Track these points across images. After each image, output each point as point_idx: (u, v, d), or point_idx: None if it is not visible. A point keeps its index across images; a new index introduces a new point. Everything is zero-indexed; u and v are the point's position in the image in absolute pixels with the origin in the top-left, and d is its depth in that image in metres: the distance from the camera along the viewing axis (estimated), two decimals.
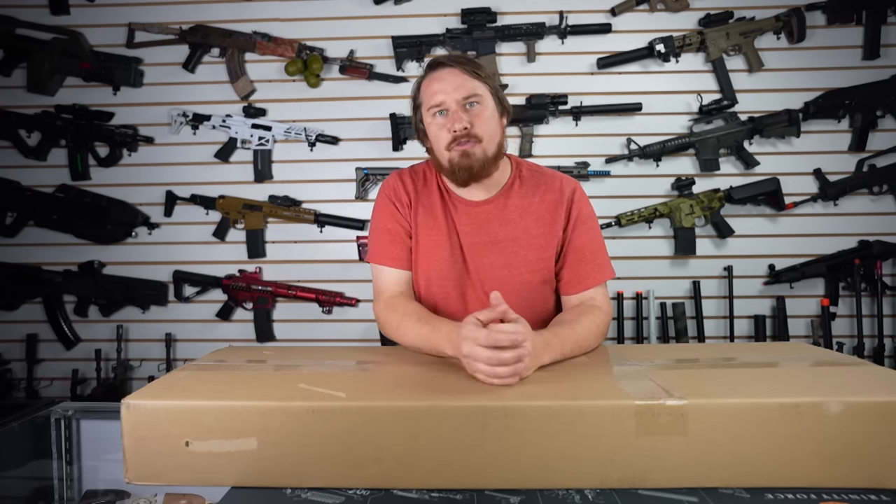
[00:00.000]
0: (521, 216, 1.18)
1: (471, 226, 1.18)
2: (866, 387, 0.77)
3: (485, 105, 1.13)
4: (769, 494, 0.71)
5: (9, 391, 2.33)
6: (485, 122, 1.12)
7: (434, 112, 1.13)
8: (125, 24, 2.33)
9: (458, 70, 1.12)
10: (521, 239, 1.17)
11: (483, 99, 1.13)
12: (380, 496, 0.72)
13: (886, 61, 2.23)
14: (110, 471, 1.18)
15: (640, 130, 2.28)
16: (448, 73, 1.12)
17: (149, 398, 0.75)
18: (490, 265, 1.17)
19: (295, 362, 0.95)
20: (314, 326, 2.35)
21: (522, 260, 1.16)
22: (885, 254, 2.21)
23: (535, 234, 1.17)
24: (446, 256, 1.18)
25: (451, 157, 1.13)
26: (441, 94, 1.11)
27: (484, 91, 1.13)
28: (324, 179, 2.34)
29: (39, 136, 2.35)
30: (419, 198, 1.22)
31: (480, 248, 1.17)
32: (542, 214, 1.18)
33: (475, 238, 1.18)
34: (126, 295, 2.35)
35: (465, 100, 1.11)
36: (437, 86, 1.12)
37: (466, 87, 1.11)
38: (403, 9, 2.31)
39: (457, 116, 1.10)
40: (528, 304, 1.16)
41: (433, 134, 1.15)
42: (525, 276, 1.17)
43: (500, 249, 1.17)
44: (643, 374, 0.84)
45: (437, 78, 1.13)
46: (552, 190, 1.19)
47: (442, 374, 0.88)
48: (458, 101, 1.11)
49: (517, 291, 1.15)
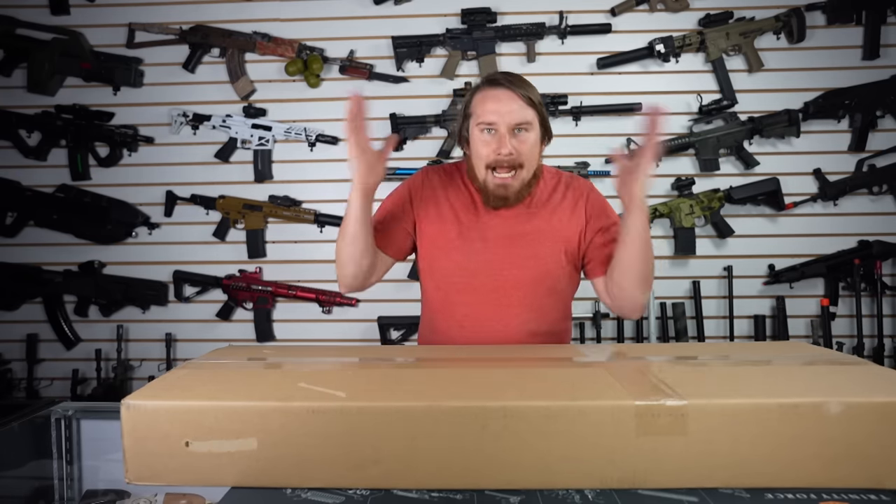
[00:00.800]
0: (547, 210, 1.23)
1: (499, 219, 1.22)
2: (867, 387, 0.77)
3: (532, 132, 1.17)
4: (769, 494, 0.71)
5: (9, 391, 2.33)
6: (529, 150, 1.17)
7: (483, 128, 1.16)
8: (125, 24, 2.33)
9: (514, 94, 1.15)
10: (546, 231, 1.22)
11: (532, 126, 1.17)
12: (380, 496, 0.72)
13: (886, 61, 2.23)
14: (110, 471, 1.18)
15: (640, 130, 2.27)
16: (505, 96, 1.15)
17: (149, 398, 0.75)
18: (517, 256, 1.20)
19: (295, 362, 0.95)
20: (314, 326, 2.35)
21: (549, 251, 1.21)
22: (885, 254, 2.21)
23: (560, 227, 1.22)
24: (469, 249, 1.21)
25: (488, 180, 1.17)
26: (495, 115, 1.14)
27: (533, 118, 1.17)
28: (324, 179, 2.34)
29: (39, 136, 2.35)
30: (445, 193, 1.25)
31: (508, 240, 1.21)
32: (565, 209, 1.24)
33: (503, 230, 1.21)
34: (126, 295, 2.35)
35: (516, 125, 1.14)
36: (492, 105, 1.15)
37: (520, 114, 1.14)
38: (403, 9, 2.31)
39: (504, 142, 1.14)
40: (552, 293, 1.22)
41: (476, 148, 1.18)
42: (551, 267, 1.21)
43: (529, 241, 1.21)
44: (643, 374, 0.84)
45: (493, 97, 1.16)
46: (572, 188, 1.26)
47: (442, 374, 0.88)
48: (509, 125, 1.14)
49: (542, 280, 1.21)
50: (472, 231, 1.22)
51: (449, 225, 1.23)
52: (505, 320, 1.21)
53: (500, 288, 1.20)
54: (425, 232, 1.25)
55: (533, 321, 1.21)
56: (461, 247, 1.21)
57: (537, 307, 1.22)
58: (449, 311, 1.24)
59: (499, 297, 1.20)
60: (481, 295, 1.21)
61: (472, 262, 1.21)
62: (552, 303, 1.24)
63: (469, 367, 0.91)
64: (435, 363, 0.95)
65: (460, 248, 1.21)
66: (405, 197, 1.27)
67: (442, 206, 1.24)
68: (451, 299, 1.23)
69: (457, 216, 1.23)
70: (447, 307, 1.24)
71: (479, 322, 1.21)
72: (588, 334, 2.30)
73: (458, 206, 1.24)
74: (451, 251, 1.22)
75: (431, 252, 1.24)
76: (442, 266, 1.23)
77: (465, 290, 1.21)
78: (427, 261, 1.25)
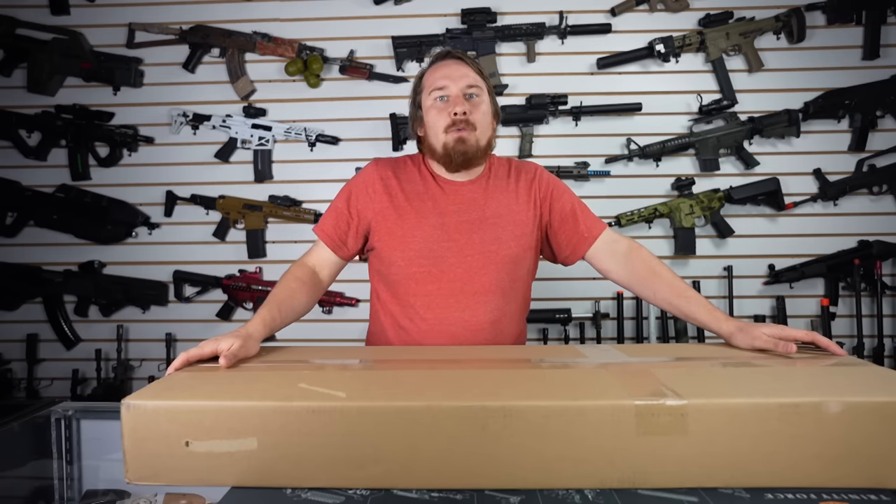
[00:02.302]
0: (504, 194, 1.25)
1: (458, 205, 1.23)
2: (867, 387, 0.77)
3: (483, 99, 1.21)
4: (769, 494, 0.71)
5: (9, 391, 2.33)
6: (482, 113, 1.20)
7: (436, 96, 1.19)
8: (125, 24, 2.33)
9: (462, 62, 1.21)
10: (506, 215, 1.23)
11: (482, 93, 1.21)
12: (380, 496, 0.72)
13: (886, 61, 2.23)
14: (110, 471, 1.18)
15: (640, 130, 2.28)
16: (454, 63, 1.21)
17: (149, 398, 0.75)
18: (480, 241, 1.20)
19: (295, 362, 0.95)
20: (314, 326, 2.35)
21: (510, 234, 1.22)
22: (885, 254, 2.21)
23: (517, 209, 1.24)
24: (430, 236, 1.20)
25: (446, 140, 1.18)
26: (445, 79, 1.18)
27: (484, 87, 1.21)
28: (324, 179, 2.34)
29: (39, 136, 2.35)
30: (399, 184, 1.25)
31: (469, 225, 1.21)
32: (520, 193, 1.26)
33: (464, 216, 1.22)
34: (126, 295, 2.35)
35: (468, 89, 1.19)
36: (442, 72, 1.20)
37: (470, 77, 1.19)
38: (403, 9, 2.31)
39: (458, 101, 1.17)
40: (514, 276, 1.23)
41: (431, 118, 1.20)
42: (513, 250, 1.22)
43: (490, 225, 1.21)
44: (643, 374, 0.84)
45: (443, 65, 1.21)
46: (524, 171, 1.29)
47: (442, 374, 0.88)
48: (460, 88, 1.18)
49: (505, 264, 1.21)
50: (431, 217, 1.21)
51: (407, 215, 1.21)
52: (472, 308, 1.19)
53: (464, 275, 1.19)
54: (381, 225, 1.22)
55: (498, 309, 1.20)
56: (422, 235, 1.20)
57: (502, 293, 1.21)
58: (409, 303, 1.20)
59: (463, 285, 1.19)
60: (444, 283, 1.19)
61: (436, 249, 1.19)
62: (518, 287, 1.25)
63: (469, 367, 0.91)
64: (435, 364, 0.95)
65: (421, 237, 1.19)
66: (354, 196, 1.25)
67: (396, 197, 1.23)
68: (412, 290, 1.20)
69: (413, 205, 1.22)
70: (408, 300, 1.20)
71: (444, 311, 1.19)
72: (588, 334, 2.30)
73: (414, 194, 1.23)
74: (410, 241, 1.20)
75: (390, 244, 1.21)
76: (402, 256, 1.20)
77: (427, 279, 1.19)
78: (386, 253, 1.22)
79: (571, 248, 1.27)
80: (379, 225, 1.23)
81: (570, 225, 1.26)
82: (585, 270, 1.35)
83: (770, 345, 0.97)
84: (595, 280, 2.25)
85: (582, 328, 2.30)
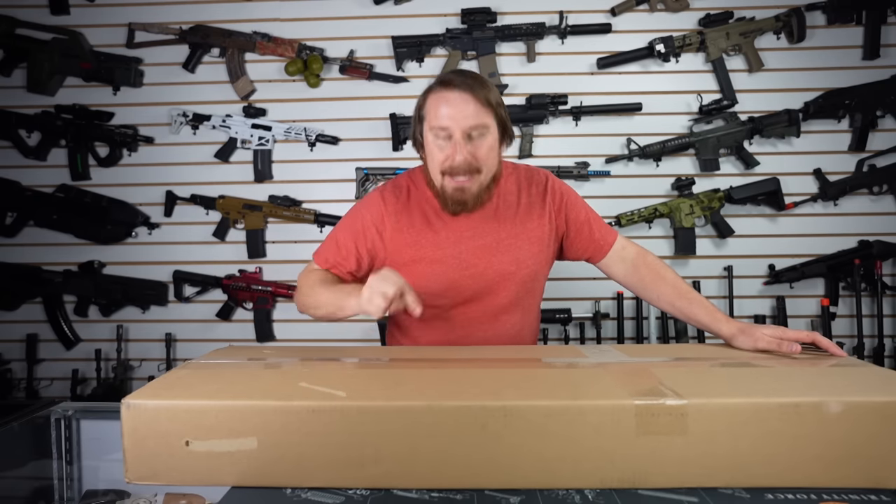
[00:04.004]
0: (516, 212, 1.21)
1: (472, 230, 1.19)
2: (867, 387, 0.77)
3: (489, 136, 1.12)
4: (769, 494, 0.71)
5: (9, 391, 2.33)
6: (486, 154, 1.12)
7: (437, 133, 1.11)
8: (125, 24, 2.33)
9: (469, 96, 1.08)
10: (521, 234, 1.20)
11: (488, 129, 1.11)
12: (380, 496, 0.72)
13: (886, 61, 2.23)
14: (110, 471, 1.18)
15: (640, 130, 2.27)
16: (459, 98, 1.08)
17: (149, 398, 0.75)
18: (499, 263, 1.19)
19: (295, 362, 0.95)
20: (314, 326, 2.35)
21: (527, 253, 1.20)
22: (885, 254, 2.21)
23: (532, 226, 1.21)
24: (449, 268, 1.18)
25: (445, 185, 1.14)
26: (448, 119, 1.08)
27: (490, 121, 1.11)
28: (324, 179, 2.34)
29: (39, 136, 2.34)
30: (405, 217, 1.20)
31: (486, 250, 1.19)
32: (533, 206, 1.22)
33: (479, 241, 1.19)
34: (126, 295, 2.34)
35: (471, 129, 1.09)
36: (444, 110, 1.09)
37: (474, 117, 1.08)
38: (403, 9, 2.31)
39: (458, 148, 1.09)
40: (532, 290, 1.24)
41: (431, 154, 1.14)
42: (532, 268, 1.21)
43: (506, 247, 1.19)
44: (643, 374, 0.84)
45: (446, 100, 1.09)
46: (534, 182, 1.25)
47: (442, 374, 0.88)
48: (463, 129, 1.08)
49: (525, 283, 1.21)
50: (448, 247, 1.18)
51: (424, 248, 1.18)
52: (494, 328, 1.21)
53: (485, 299, 1.19)
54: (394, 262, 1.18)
55: (518, 323, 1.23)
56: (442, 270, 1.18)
57: (521, 309, 1.23)
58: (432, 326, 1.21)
59: (484, 309, 1.20)
60: (467, 308, 1.20)
61: (456, 279, 1.18)
62: (535, 299, 1.27)
63: (469, 367, 0.91)
64: (435, 363, 0.95)
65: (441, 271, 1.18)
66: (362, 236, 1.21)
67: (408, 232, 1.19)
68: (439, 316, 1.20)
69: (427, 238, 1.19)
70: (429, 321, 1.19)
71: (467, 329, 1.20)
72: (588, 334, 2.30)
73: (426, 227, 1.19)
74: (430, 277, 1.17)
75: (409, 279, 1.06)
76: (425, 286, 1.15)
77: (451, 306, 1.20)
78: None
79: (587, 256, 1.28)
80: (393, 263, 1.19)
81: (586, 234, 1.25)
82: (585, 270, 1.36)
83: (773, 345, 0.97)
84: (595, 280, 2.25)
85: (582, 328, 2.30)
